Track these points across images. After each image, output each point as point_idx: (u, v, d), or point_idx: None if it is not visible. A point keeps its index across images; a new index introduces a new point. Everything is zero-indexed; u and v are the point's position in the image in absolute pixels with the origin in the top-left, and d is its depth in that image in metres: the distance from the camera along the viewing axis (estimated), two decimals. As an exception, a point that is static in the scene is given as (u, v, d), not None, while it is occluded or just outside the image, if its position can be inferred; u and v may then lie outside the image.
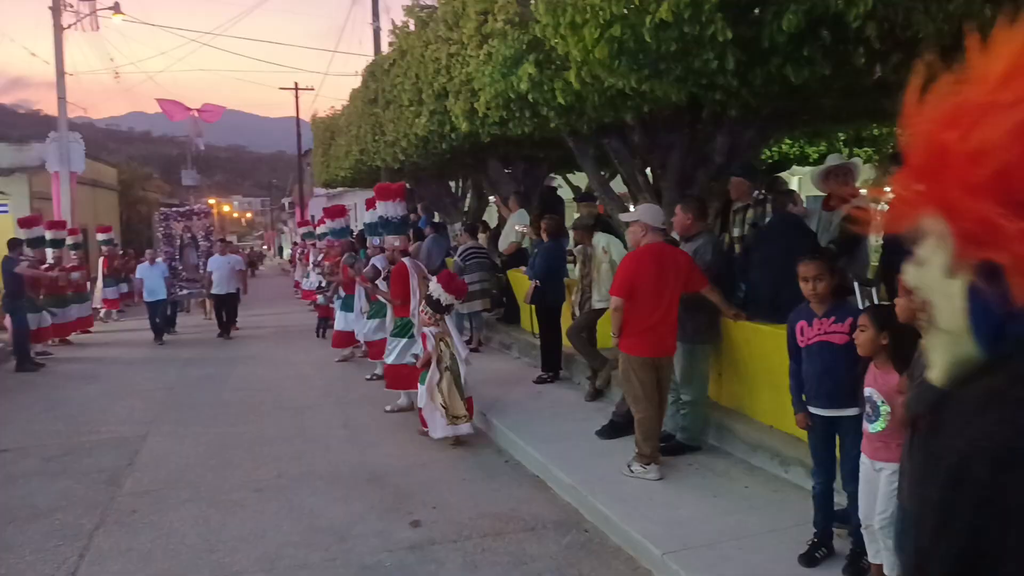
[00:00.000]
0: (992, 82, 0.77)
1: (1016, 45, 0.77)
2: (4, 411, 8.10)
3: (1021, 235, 0.72)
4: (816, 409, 3.82)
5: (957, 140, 0.76)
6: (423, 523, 4.78)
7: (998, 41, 0.79)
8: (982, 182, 0.74)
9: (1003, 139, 0.73)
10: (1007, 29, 0.79)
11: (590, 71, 4.83)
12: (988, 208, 0.74)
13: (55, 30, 18.33)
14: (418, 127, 8.45)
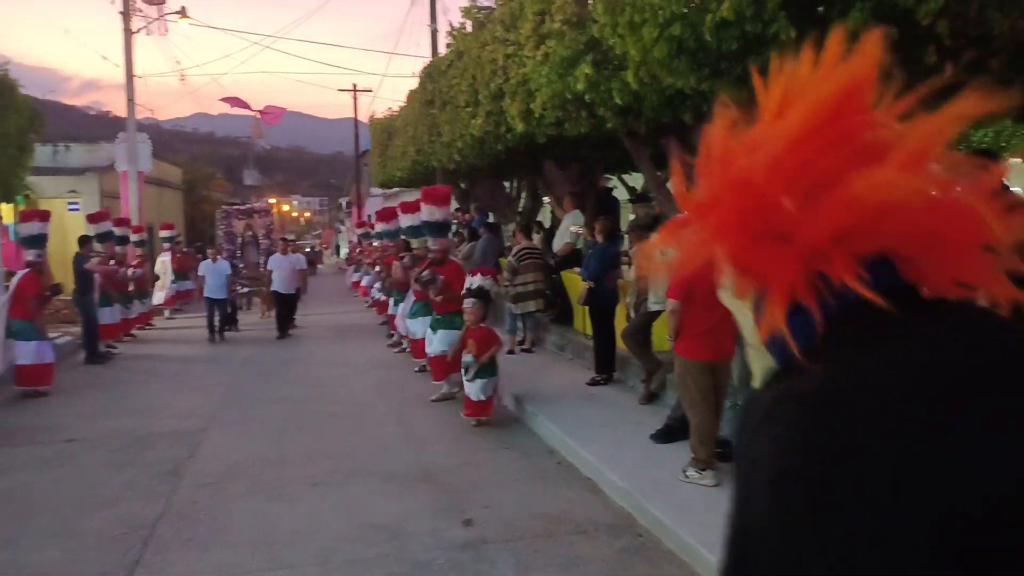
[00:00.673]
0: (766, 117, 0.83)
1: (785, 81, 0.83)
2: (74, 403, 8.41)
3: (775, 265, 0.78)
4: None
5: (728, 172, 0.82)
6: (475, 522, 4.79)
7: (778, 75, 0.84)
8: (746, 214, 0.79)
9: (762, 173, 0.78)
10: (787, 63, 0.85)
11: (648, 71, 4.78)
12: (748, 239, 0.80)
13: (125, 34, 18.98)
14: (474, 128, 8.50)
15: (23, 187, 15.21)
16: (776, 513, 0.70)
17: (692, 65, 4.47)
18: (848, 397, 0.70)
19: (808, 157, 0.79)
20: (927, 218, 0.76)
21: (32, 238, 9.44)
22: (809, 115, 0.80)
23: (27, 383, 8.68)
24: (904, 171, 0.75)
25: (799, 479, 0.68)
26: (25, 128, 14.19)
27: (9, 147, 13.49)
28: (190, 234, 28.58)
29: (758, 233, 0.79)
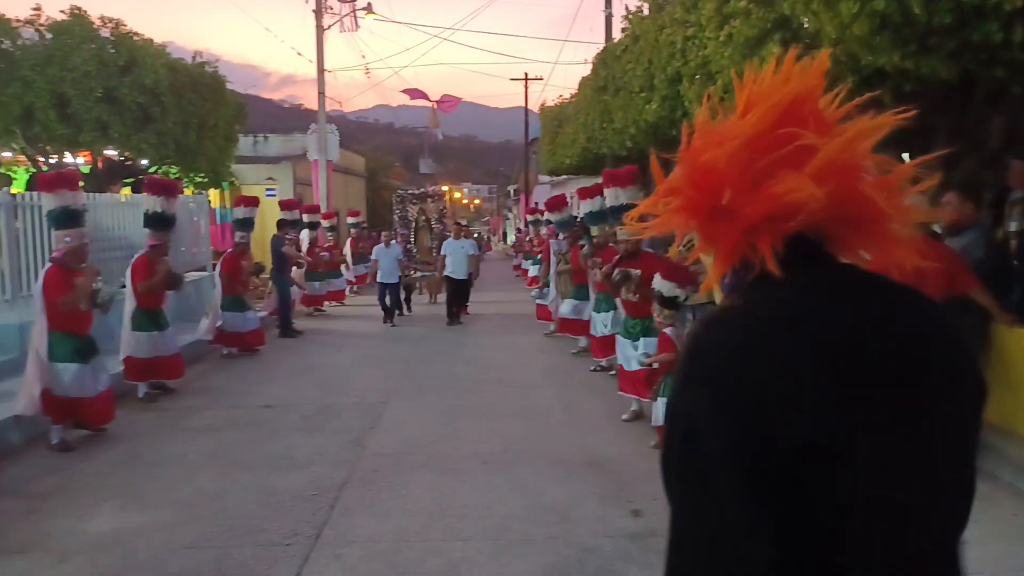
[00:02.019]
0: (736, 115, 1.10)
1: (752, 86, 1.11)
2: (270, 372, 9.18)
3: (723, 234, 1.10)
4: None
5: (698, 161, 1.10)
6: (644, 513, 4.73)
7: (750, 77, 1.12)
8: (708, 194, 1.08)
9: (723, 163, 1.07)
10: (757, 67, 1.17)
11: (845, 49, 4.46)
12: (707, 213, 1.10)
13: (317, 31, 20.33)
14: (648, 113, 8.34)
15: (229, 174, 16.79)
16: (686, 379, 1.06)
17: (896, 41, 4.11)
18: (748, 319, 1.06)
19: (755, 154, 1.06)
20: (841, 206, 1.06)
21: (242, 221, 10.44)
22: (761, 120, 1.06)
23: (240, 344, 9.93)
24: (814, 177, 1.02)
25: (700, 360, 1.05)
26: (231, 120, 15.63)
27: (218, 138, 14.91)
28: (371, 219, 30.29)
29: (714, 210, 1.09)
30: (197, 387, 8.38)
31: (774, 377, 0.98)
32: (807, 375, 0.98)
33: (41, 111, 12.13)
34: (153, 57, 12.81)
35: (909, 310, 1.10)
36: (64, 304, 6.00)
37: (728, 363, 1.01)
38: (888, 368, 1.02)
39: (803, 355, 0.99)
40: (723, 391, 0.99)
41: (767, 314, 1.05)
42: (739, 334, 1.03)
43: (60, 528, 4.59)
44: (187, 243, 13.54)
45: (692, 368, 1.05)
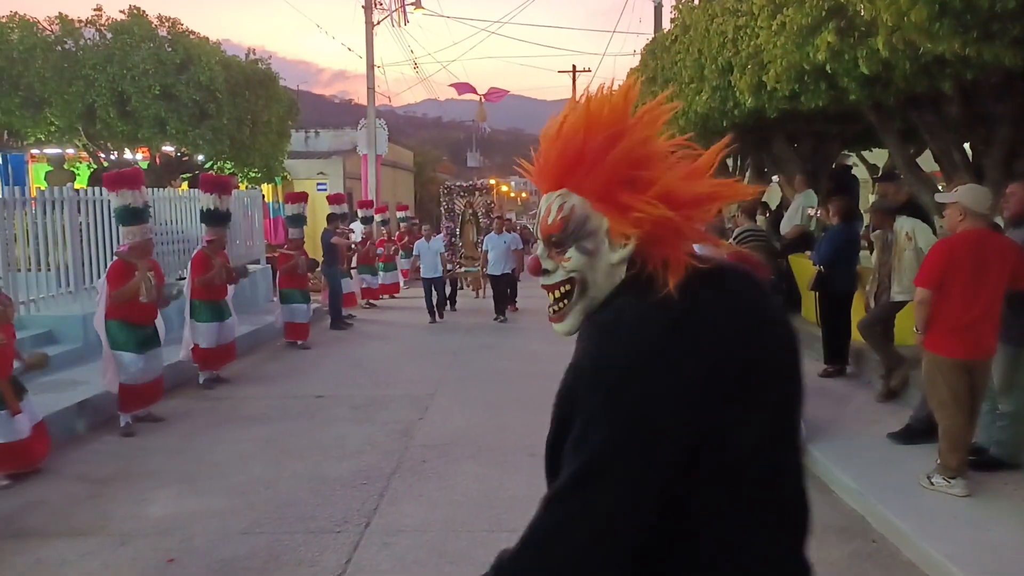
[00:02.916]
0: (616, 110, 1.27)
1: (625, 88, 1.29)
2: (321, 363, 9.35)
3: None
4: None
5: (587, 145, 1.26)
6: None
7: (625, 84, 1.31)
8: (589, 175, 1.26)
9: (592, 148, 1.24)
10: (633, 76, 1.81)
11: (903, 36, 4.33)
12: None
13: (366, 27, 20.54)
14: (698, 104, 8.21)
15: (281, 169, 17.10)
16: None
17: (957, 28, 3.98)
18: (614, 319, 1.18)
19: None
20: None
21: (294, 217, 10.64)
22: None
23: (289, 337, 10.22)
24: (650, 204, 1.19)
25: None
26: (284, 116, 15.92)
27: (271, 133, 15.21)
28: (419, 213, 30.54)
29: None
30: (253, 376, 8.58)
31: (673, 375, 1.08)
32: (708, 373, 1.09)
33: (102, 108, 12.53)
34: (208, 55, 13.11)
35: (755, 293, 1.25)
36: (118, 296, 6.24)
37: (634, 381, 1.08)
38: (760, 354, 1.17)
39: (699, 356, 1.10)
40: (635, 408, 1.07)
41: (658, 325, 1.13)
42: (642, 351, 1.10)
43: (121, 512, 4.75)
44: (241, 237, 13.86)
45: (601, 378, 1.10)
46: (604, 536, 1.08)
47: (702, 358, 1.10)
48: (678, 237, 1.21)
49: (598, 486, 1.08)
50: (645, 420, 1.07)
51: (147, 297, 6.41)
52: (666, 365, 1.08)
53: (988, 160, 6.10)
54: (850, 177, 10.13)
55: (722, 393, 1.10)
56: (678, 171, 1.24)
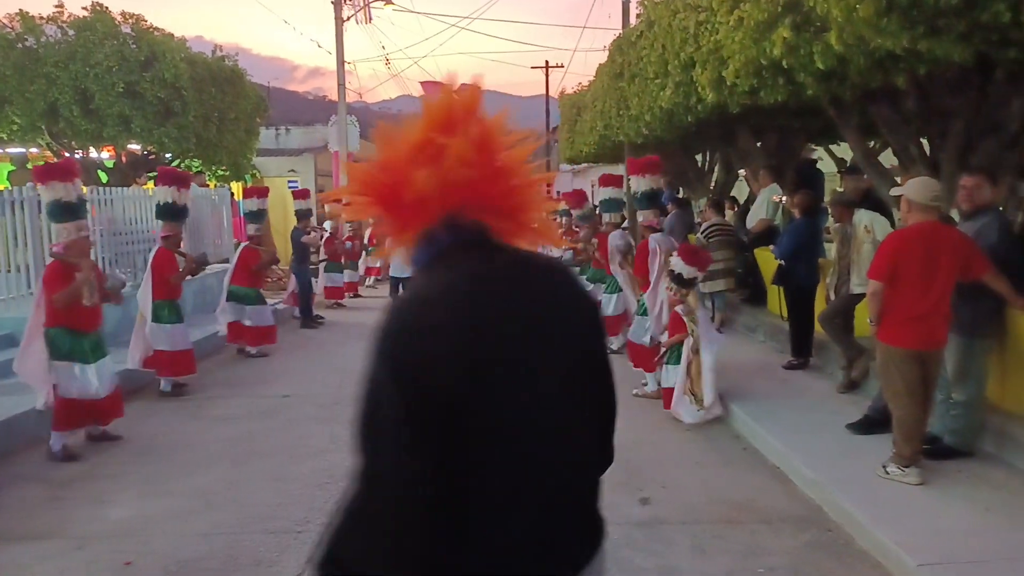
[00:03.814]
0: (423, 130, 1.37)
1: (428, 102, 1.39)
2: (289, 362, 9.29)
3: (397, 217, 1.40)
4: None
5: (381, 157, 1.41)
6: (652, 501, 4.74)
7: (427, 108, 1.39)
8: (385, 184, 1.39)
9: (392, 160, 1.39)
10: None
11: (854, 32, 4.38)
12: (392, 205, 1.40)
13: (336, 23, 20.39)
14: (663, 100, 8.26)
15: (251, 167, 16.93)
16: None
17: (904, 23, 4.04)
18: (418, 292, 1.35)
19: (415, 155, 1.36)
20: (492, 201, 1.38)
21: (253, 213, 10.38)
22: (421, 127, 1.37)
23: (253, 343, 9.64)
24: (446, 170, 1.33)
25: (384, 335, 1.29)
26: (252, 113, 15.76)
27: (239, 131, 15.05)
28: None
29: (390, 198, 1.38)
30: (219, 377, 8.50)
31: (432, 347, 1.24)
32: (455, 343, 1.24)
33: (65, 107, 12.33)
34: (173, 51, 12.94)
35: (542, 280, 1.41)
36: (59, 299, 5.65)
37: (399, 339, 1.28)
38: (518, 332, 1.31)
39: (454, 327, 1.26)
40: (396, 362, 1.25)
41: (429, 294, 1.32)
42: (407, 315, 1.31)
43: (81, 515, 4.70)
44: (210, 235, 13.72)
45: (378, 343, 1.28)
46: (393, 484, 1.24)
47: (449, 329, 1.26)
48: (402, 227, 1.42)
49: (369, 435, 1.26)
50: (393, 373, 1.24)
51: (90, 300, 5.79)
52: (415, 330, 1.27)
53: (944, 154, 6.19)
54: (815, 171, 10.25)
55: (467, 364, 1.24)
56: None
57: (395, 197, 1.37)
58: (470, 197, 1.36)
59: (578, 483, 1.45)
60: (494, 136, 1.40)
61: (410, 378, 1.23)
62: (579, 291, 1.48)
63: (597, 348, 1.52)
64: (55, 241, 6.01)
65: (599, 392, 1.54)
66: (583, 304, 1.48)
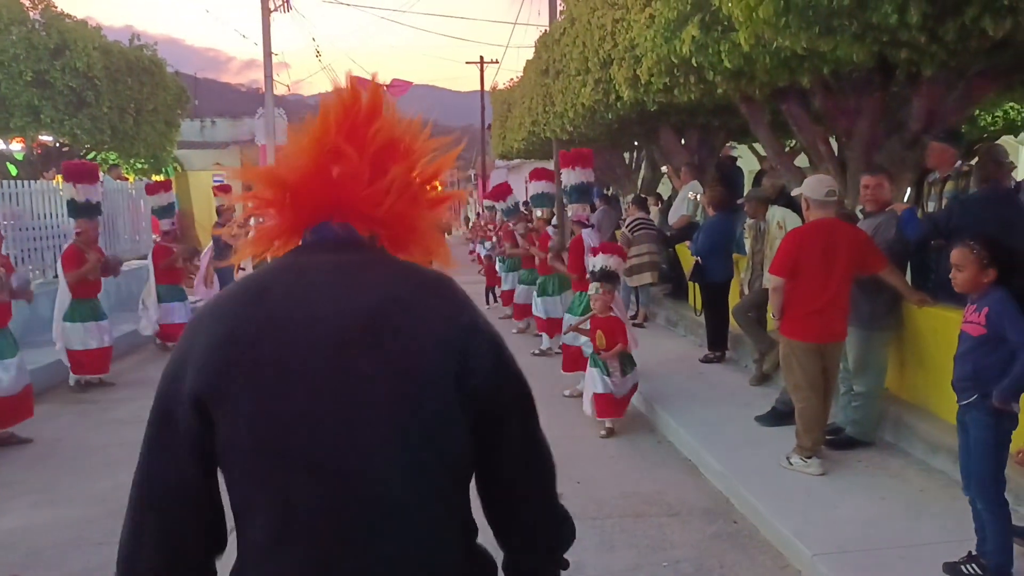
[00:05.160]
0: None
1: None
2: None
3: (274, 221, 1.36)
4: None
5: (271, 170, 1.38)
6: (564, 496, 4.68)
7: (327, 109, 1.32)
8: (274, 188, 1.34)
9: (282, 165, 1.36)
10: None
11: (755, 31, 4.46)
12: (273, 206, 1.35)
13: (262, 12, 19.89)
14: (584, 96, 8.30)
15: (172, 160, 16.41)
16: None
17: (801, 23, 4.12)
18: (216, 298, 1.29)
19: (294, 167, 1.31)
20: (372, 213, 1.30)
21: (162, 208, 9.96)
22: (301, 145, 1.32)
23: (168, 340, 9.38)
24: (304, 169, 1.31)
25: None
26: (172, 104, 15.24)
27: (158, 122, 14.54)
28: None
29: (278, 203, 1.33)
30: (132, 378, 8.18)
31: (194, 345, 1.20)
32: (210, 343, 1.19)
33: (-32, 95, 11.70)
34: (85, 40, 12.40)
35: (364, 289, 1.24)
36: None
37: (182, 336, 1.26)
38: (277, 339, 1.18)
39: (216, 327, 1.21)
40: (170, 358, 1.25)
41: (226, 290, 1.29)
42: (203, 307, 1.30)
43: (-35, 527, 4.45)
44: (128, 230, 13.24)
45: None
46: (143, 476, 1.23)
47: (215, 328, 1.21)
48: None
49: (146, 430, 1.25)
50: (166, 369, 1.24)
51: (5, 295, 5.80)
52: (193, 328, 1.25)
53: (851, 152, 6.38)
54: (734, 169, 10.46)
55: (220, 366, 1.17)
56: None
57: (274, 200, 1.33)
58: (342, 204, 1.28)
59: (381, 547, 1.17)
60: (392, 138, 1.31)
61: (169, 373, 1.22)
62: (441, 314, 1.24)
63: (453, 386, 1.21)
64: None
65: (483, 447, 1.28)
66: (436, 330, 1.22)
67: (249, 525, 1.20)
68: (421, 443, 1.18)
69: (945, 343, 4.77)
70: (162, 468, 1.21)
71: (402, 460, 1.17)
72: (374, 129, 1.29)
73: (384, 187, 1.28)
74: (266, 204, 1.34)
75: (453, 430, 1.22)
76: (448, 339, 1.22)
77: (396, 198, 1.29)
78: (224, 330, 1.20)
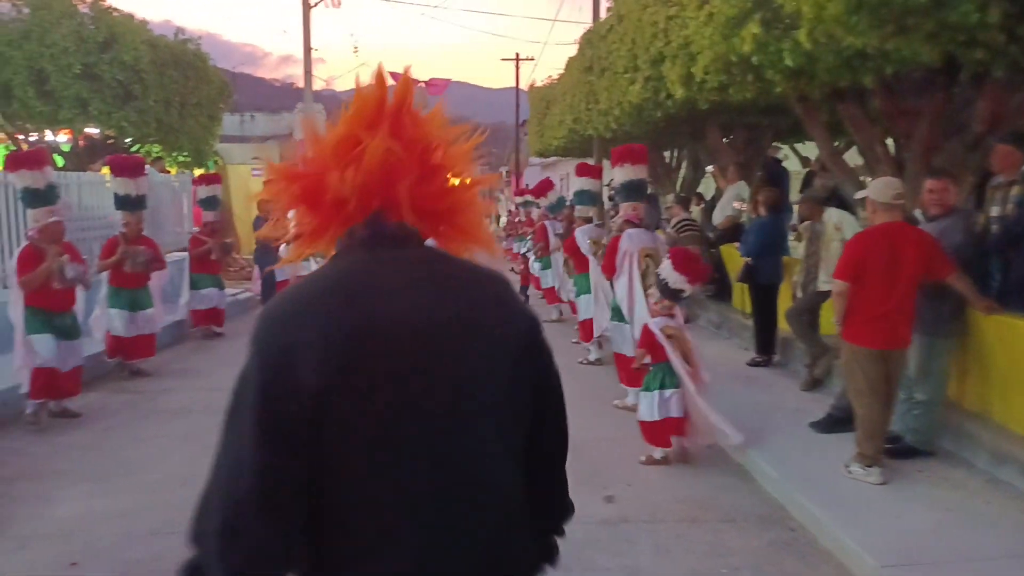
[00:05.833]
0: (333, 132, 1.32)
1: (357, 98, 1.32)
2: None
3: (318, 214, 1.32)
4: None
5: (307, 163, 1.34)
6: (616, 499, 4.69)
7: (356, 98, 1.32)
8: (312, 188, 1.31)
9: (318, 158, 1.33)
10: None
11: (824, 30, 4.36)
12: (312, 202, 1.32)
13: (303, 8, 20.04)
14: (632, 94, 8.21)
15: (213, 153, 16.58)
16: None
17: (874, 22, 4.01)
18: (297, 290, 1.27)
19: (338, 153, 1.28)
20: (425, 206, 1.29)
21: (206, 200, 10.21)
22: (341, 126, 1.30)
23: (202, 323, 9.84)
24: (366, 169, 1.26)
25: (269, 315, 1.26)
26: (215, 99, 15.40)
27: (201, 116, 14.69)
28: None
29: (312, 196, 1.31)
30: (175, 368, 8.29)
31: (298, 342, 1.18)
32: (321, 340, 1.17)
33: (19, 88, 11.89)
34: (133, 33, 12.57)
35: (458, 290, 1.29)
36: (25, 283, 5.96)
37: (270, 328, 1.22)
38: (391, 334, 1.20)
39: (323, 324, 1.19)
40: (263, 350, 1.20)
41: (304, 284, 1.28)
42: (285, 304, 1.26)
43: (23, 513, 4.51)
44: (170, 222, 13.39)
45: (253, 330, 1.24)
46: (237, 469, 1.18)
47: (323, 324, 1.19)
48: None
49: (230, 420, 1.21)
50: (258, 361, 1.20)
51: (60, 283, 6.09)
52: (280, 319, 1.23)
53: (909, 154, 6.23)
54: (780, 169, 10.29)
55: (331, 360, 1.17)
56: None
57: (315, 196, 1.31)
58: (393, 198, 1.27)
59: (484, 527, 1.26)
60: (427, 132, 1.32)
61: (272, 367, 1.19)
62: (513, 308, 1.35)
63: (529, 373, 1.34)
64: (30, 227, 6.26)
65: (534, 424, 1.37)
66: (514, 322, 1.33)
67: (354, 519, 1.21)
68: (512, 430, 1.31)
69: (1012, 352, 4.65)
70: (274, 463, 1.17)
71: (499, 447, 1.28)
72: (413, 123, 1.31)
73: (443, 181, 1.32)
74: (304, 203, 1.33)
75: (527, 415, 1.35)
76: (524, 332, 1.34)
77: (454, 193, 1.34)
78: (333, 327, 1.19)
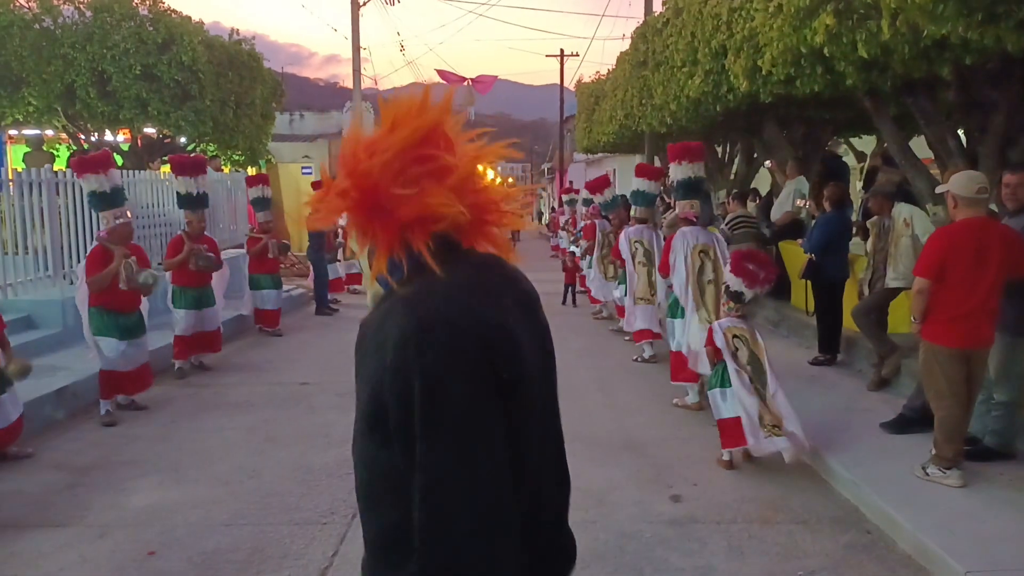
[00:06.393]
0: (384, 129, 1.29)
1: (397, 107, 1.31)
2: (306, 349, 9.20)
3: (382, 231, 1.29)
4: None
5: (356, 166, 1.28)
6: (683, 499, 4.63)
7: (392, 100, 1.32)
8: (365, 196, 1.28)
9: (377, 170, 1.26)
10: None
11: (906, 18, 4.23)
12: (365, 212, 1.29)
13: (352, 7, 20.22)
14: (691, 88, 8.10)
15: (266, 152, 16.83)
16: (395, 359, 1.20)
17: (962, 9, 3.88)
18: (418, 296, 1.24)
19: (404, 165, 1.25)
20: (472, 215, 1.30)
21: (257, 200, 10.37)
22: (407, 138, 1.26)
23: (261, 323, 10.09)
24: (454, 190, 1.26)
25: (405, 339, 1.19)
26: (268, 98, 15.63)
27: (255, 115, 14.92)
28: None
29: (372, 208, 1.28)
30: (236, 363, 8.44)
31: (493, 340, 1.21)
32: (502, 336, 1.23)
33: (82, 88, 12.22)
34: (191, 35, 12.81)
35: (517, 277, 1.44)
36: (93, 283, 6.07)
37: (456, 324, 1.20)
38: (534, 322, 1.38)
39: (501, 315, 1.26)
40: (459, 347, 1.18)
41: (450, 290, 1.26)
42: (445, 305, 1.23)
43: (100, 502, 4.62)
44: (225, 220, 13.64)
45: (420, 335, 1.18)
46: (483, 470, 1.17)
47: (498, 320, 1.25)
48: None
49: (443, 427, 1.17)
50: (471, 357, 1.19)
51: (126, 284, 6.19)
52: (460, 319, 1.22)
53: (983, 148, 6.03)
54: (840, 164, 10.07)
55: (518, 356, 1.25)
56: None
57: (382, 212, 1.28)
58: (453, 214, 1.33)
59: (559, 498, 1.50)
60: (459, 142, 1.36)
61: (476, 360, 1.19)
62: (536, 296, 1.48)
63: (552, 355, 1.49)
64: (101, 228, 6.40)
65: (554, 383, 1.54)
66: (540, 310, 1.48)
67: None
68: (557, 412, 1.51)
69: (1103, 352, 4.46)
70: (502, 455, 1.20)
71: (558, 408, 1.49)
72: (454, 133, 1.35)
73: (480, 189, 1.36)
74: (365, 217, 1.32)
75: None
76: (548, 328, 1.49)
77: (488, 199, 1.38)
78: (503, 324, 1.26)
